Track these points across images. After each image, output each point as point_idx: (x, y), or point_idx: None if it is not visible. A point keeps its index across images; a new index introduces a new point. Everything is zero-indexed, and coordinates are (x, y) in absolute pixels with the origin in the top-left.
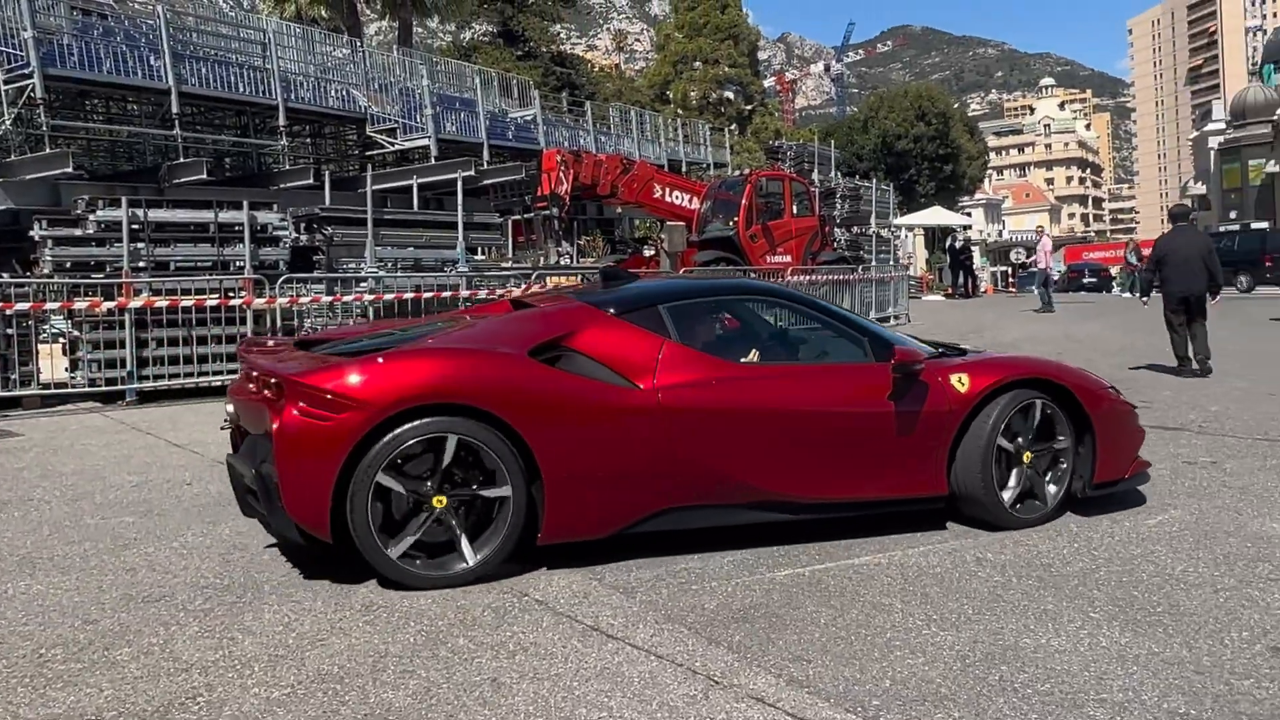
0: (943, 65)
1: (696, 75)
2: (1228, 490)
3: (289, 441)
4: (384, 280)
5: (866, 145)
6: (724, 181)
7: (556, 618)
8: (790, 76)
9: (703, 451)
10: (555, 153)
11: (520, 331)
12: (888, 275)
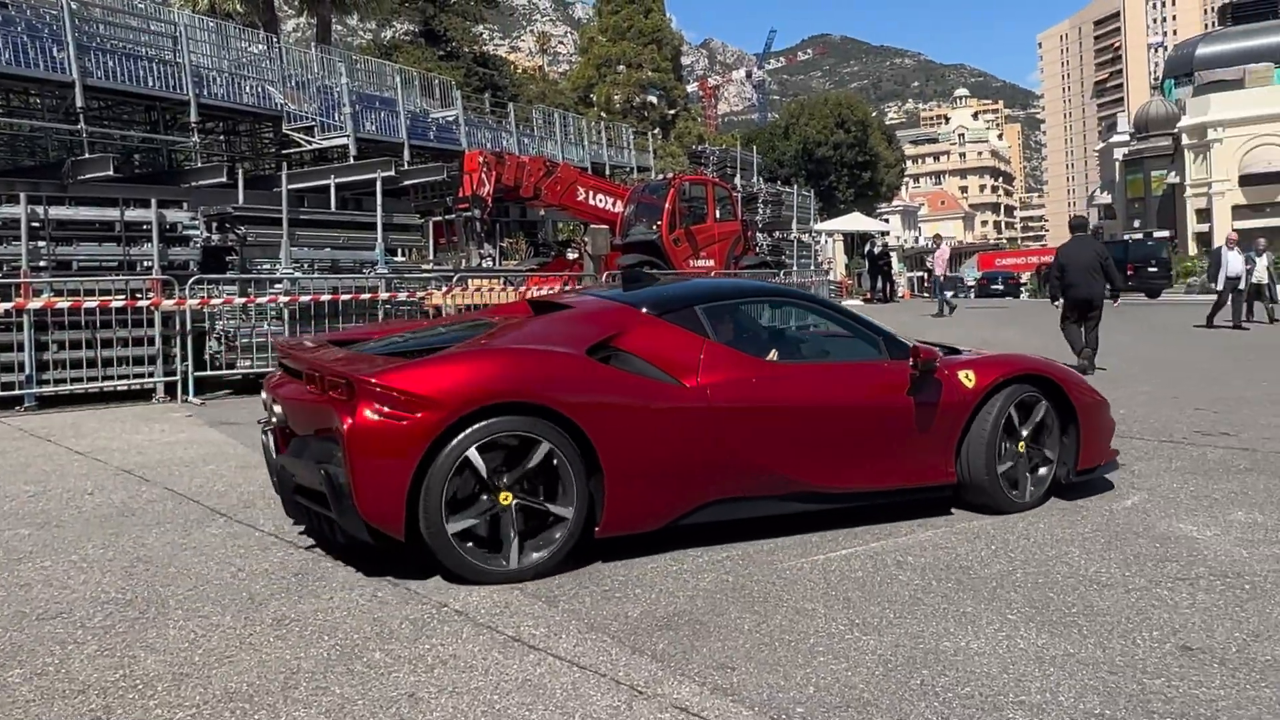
0: (861, 74)
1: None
2: (1136, 491)
3: (364, 442)
4: (300, 282)
5: (788, 152)
6: (648, 185)
7: (477, 629)
8: (713, 82)
9: (746, 446)
10: (478, 154)
11: (575, 332)
12: (809, 280)
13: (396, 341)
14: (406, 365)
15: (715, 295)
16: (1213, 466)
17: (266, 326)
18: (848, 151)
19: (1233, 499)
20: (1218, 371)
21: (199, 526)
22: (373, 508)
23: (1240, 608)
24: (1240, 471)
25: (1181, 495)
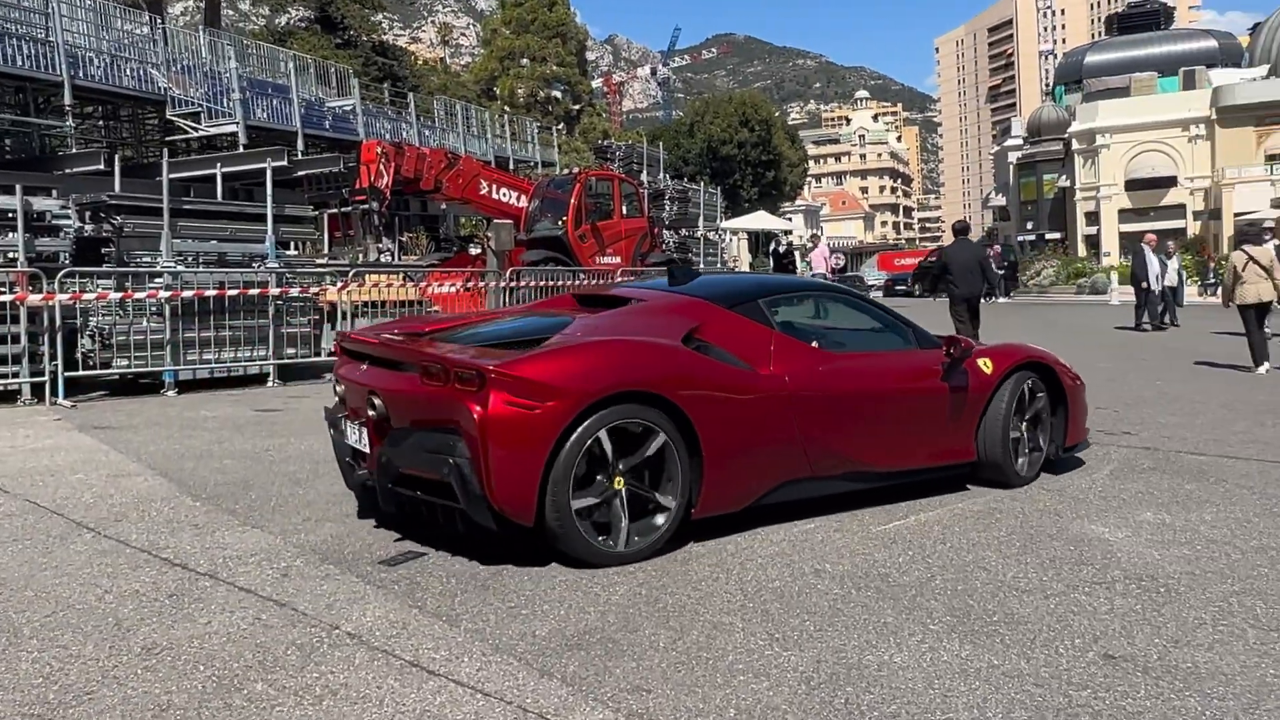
0: (764, 74)
1: (524, 72)
2: (1046, 492)
3: (498, 431)
4: (182, 276)
5: (692, 149)
6: (553, 180)
7: (371, 653)
8: (618, 78)
9: (816, 429)
10: (375, 144)
11: (666, 324)
12: None
13: (481, 332)
14: (533, 356)
15: (773, 289)
16: (1118, 466)
17: (146, 323)
18: (752, 150)
19: (1140, 499)
20: (1116, 372)
21: (62, 543)
22: (506, 495)
23: (1157, 612)
24: (1144, 471)
25: (1091, 496)
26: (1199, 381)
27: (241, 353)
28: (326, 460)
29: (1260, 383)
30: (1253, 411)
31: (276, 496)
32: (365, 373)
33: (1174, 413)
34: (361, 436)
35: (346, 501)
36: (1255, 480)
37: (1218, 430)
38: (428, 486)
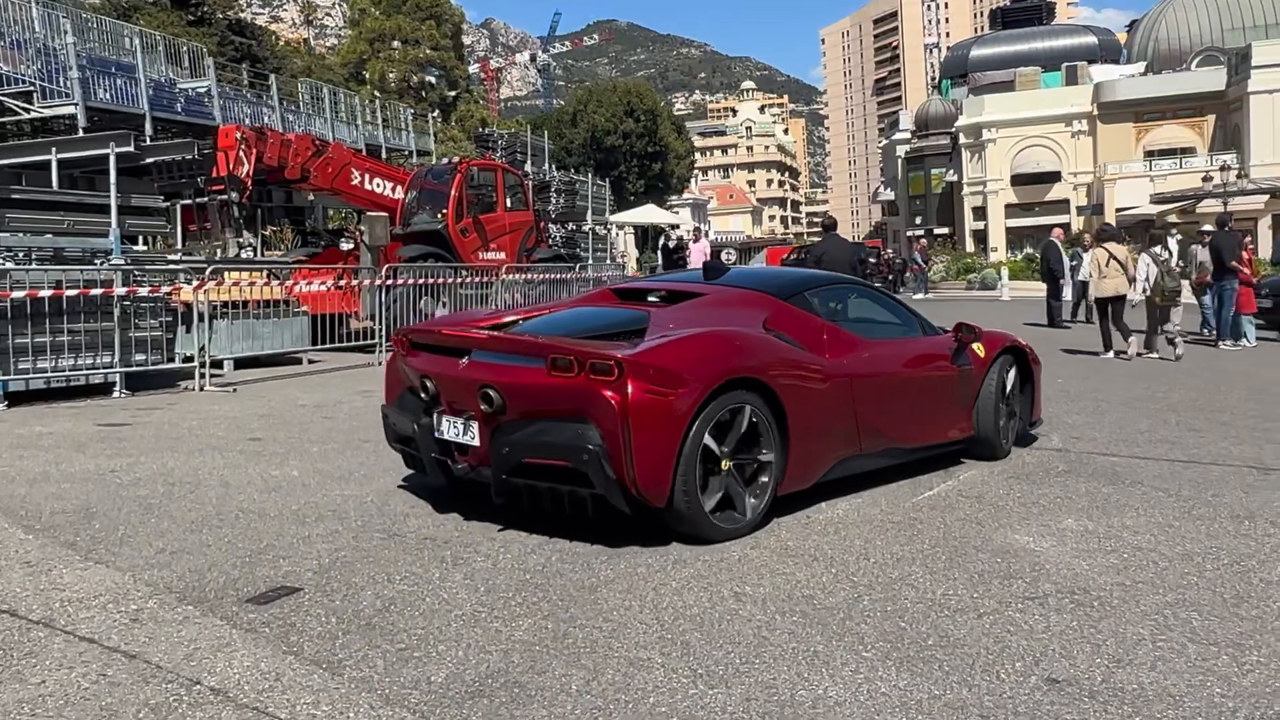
0: (648, 63)
1: (395, 56)
2: (965, 500)
3: (639, 417)
4: (12, 274)
5: (575, 140)
6: (431, 169)
7: (239, 712)
8: (495, 64)
9: (866, 409)
10: (234, 129)
11: (743, 316)
12: (605, 274)
13: (563, 326)
14: (661, 346)
15: (811, 284)
16: (1032, 470)
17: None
18: (637, 141)
19: (1060, 505)
20: None
21: None
22: (646, 478)
23: (1095, 629)
24: (1060, 475)
25: (1009, 503)
26: (1099, 378)
27: (83, 360)
28: (184, 481)
29: (1151, 379)
30: (1155, 410)
31: (125, 525)
32: (470, 366)
33: (1079, 411)
34: (465, 430)
35: (207, 528)
36: (1169, 482)
37: (1125, 430)
38: (553, 474)
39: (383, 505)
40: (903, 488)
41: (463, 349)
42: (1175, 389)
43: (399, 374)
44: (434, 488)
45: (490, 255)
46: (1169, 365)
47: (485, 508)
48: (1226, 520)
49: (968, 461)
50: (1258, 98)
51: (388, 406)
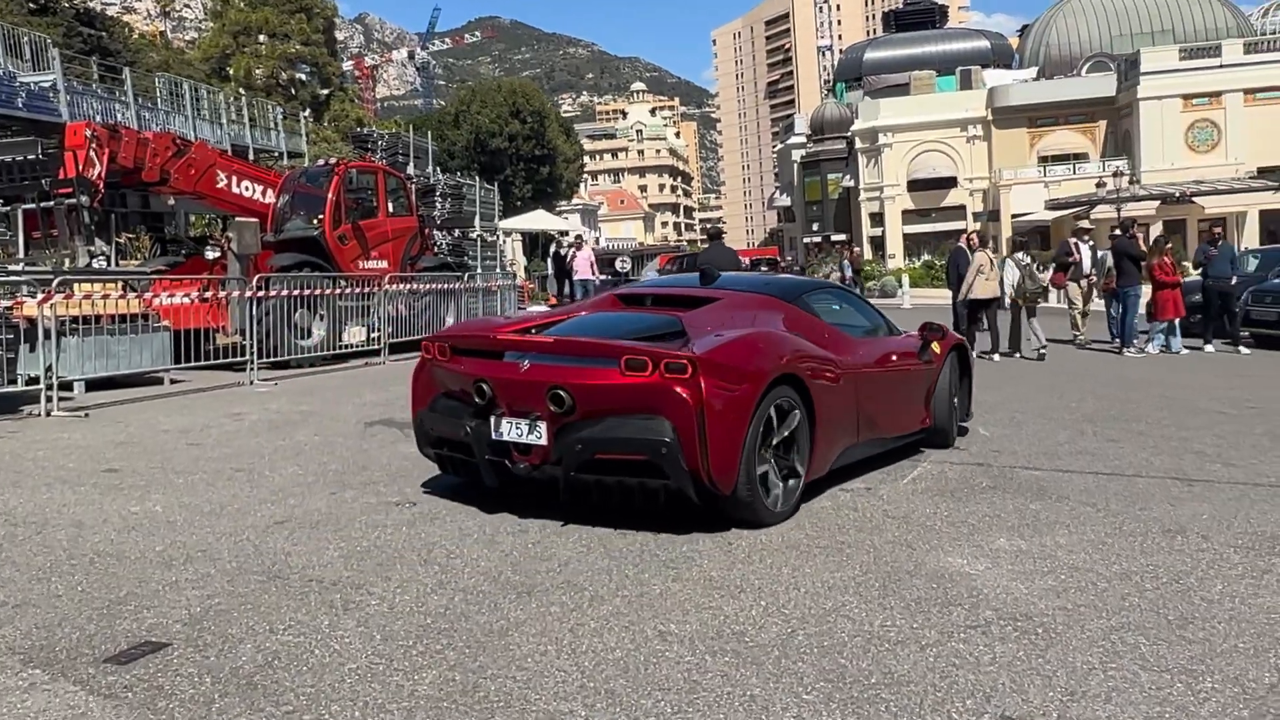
0: (534, 62)
1: (262, 50)
2: (892, 521)
3: (713, 410)
4: None
5: (459, 142)
6: (305, 172)
7: None
8: (370, 62)
9: (865, 402)
10: (83, 126)
11: (766, 318)
12: (494, 283)
13: (597, 328)
14: (723, 345)
15: (808, 286)
16: (955, 486)
17: None
18: (524, 144)
19: (989, 523)
20: None
21: None
22: (719, 467)
23: (1043, 658)
24: (985, 491)
25: (938, 522)
26: (1011, 388)
27: None
28: (29, 521)
29: (1062, 389)
30: (1071, 420)
31: None
32: (535, 369)
33: (996, 423)
34: (531, 430)
35: (57, 575)
36: (1096, 496)
37: (1044, 442)
38: (624, 468)
39: (261, 543)
40: (824, 507)
41: (522, 353)
42: (1087, 399)
43: (432, 380)
44: (314, 521)
45: (371, 264)
46: (1079, 374)
47: (378, 540)
48: (1158, 535)
49: (885, 475)
50: (1146, 104)
51: (423, 412)
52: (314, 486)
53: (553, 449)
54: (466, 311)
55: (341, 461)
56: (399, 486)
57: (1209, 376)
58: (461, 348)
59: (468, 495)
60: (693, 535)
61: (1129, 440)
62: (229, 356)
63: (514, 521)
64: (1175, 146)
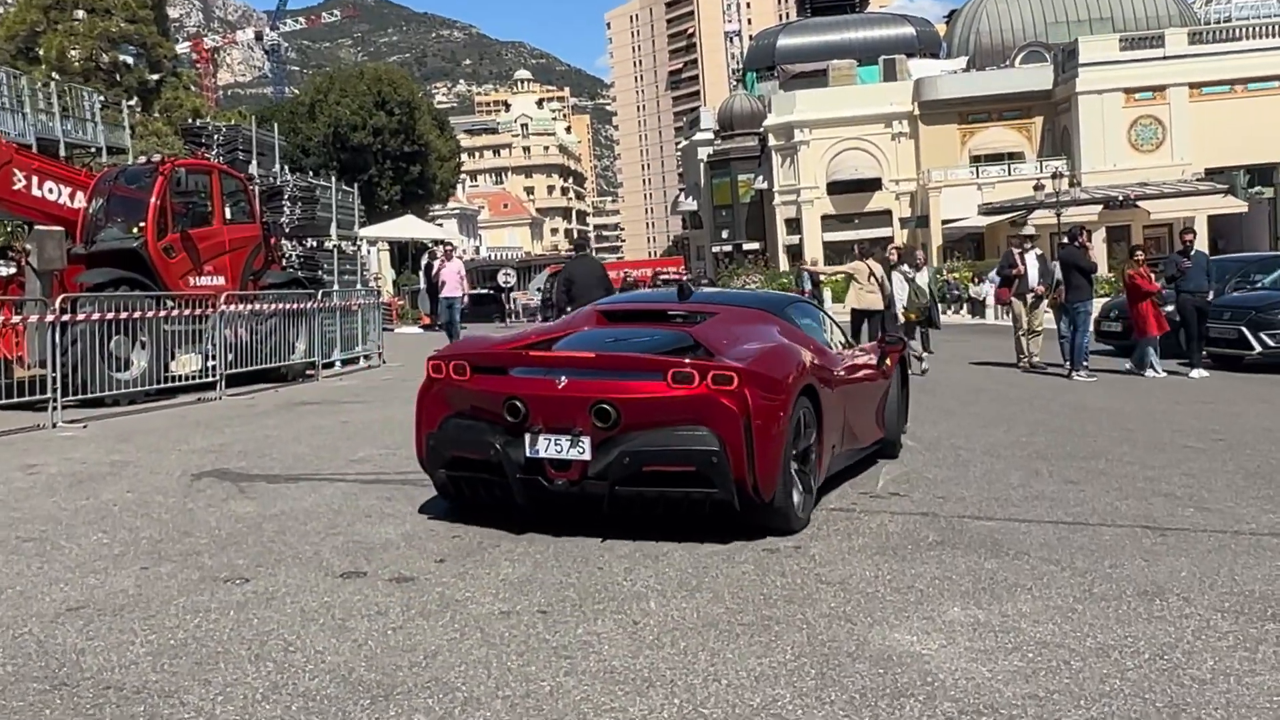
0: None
1: (79, 28)
2: (827, 588)
3: (759, 421)
4: None
5: (314, 136)
6: (124, 171)
7: None
8: (211, 44)
9: (848, 413)
10: None
11: (767, 331)
12: (354, 301)
13: (606, 346)
14: (760, 357)
15: (786, 301)
16: (898, 541)
17: None
18: (391, 139)
19: (939, 588)
20: None
21: None
22: (764, 476)
23: None
24: (932, 547)
25: (879, 588)
26: (951, 420)
27: None
28: None
29: (1009, 422)
30: (1023, 459)
31: None
32: (574, 384)
33: (940, 464)
34: (573, 445)
35: None
36: (1058, 550)
37: (994, 485)
38: (668, 481)
39: (47, 638)
40: (746, 571)
41: (554, 369)
42: (1038, 432)
43: (443, 400)
44: (118, 606)
45: (205, 281)
46: (1027, 403)
47: (198, 630)
48: (1134, 599)
49: (816, 529)
50: (1086, 98)
51: (432, 434)
52: (121, 560)
53: (594, 464)
54: (321, 335)
55: (159, 526)
56: (228, 557)
57: (1169, 404)
58: (484, 366)
59: (313, 564)
60: (592, 613)
61: (1090, 481)
62: (27, 394)
63: (371, 598)
64: (1117, 145)
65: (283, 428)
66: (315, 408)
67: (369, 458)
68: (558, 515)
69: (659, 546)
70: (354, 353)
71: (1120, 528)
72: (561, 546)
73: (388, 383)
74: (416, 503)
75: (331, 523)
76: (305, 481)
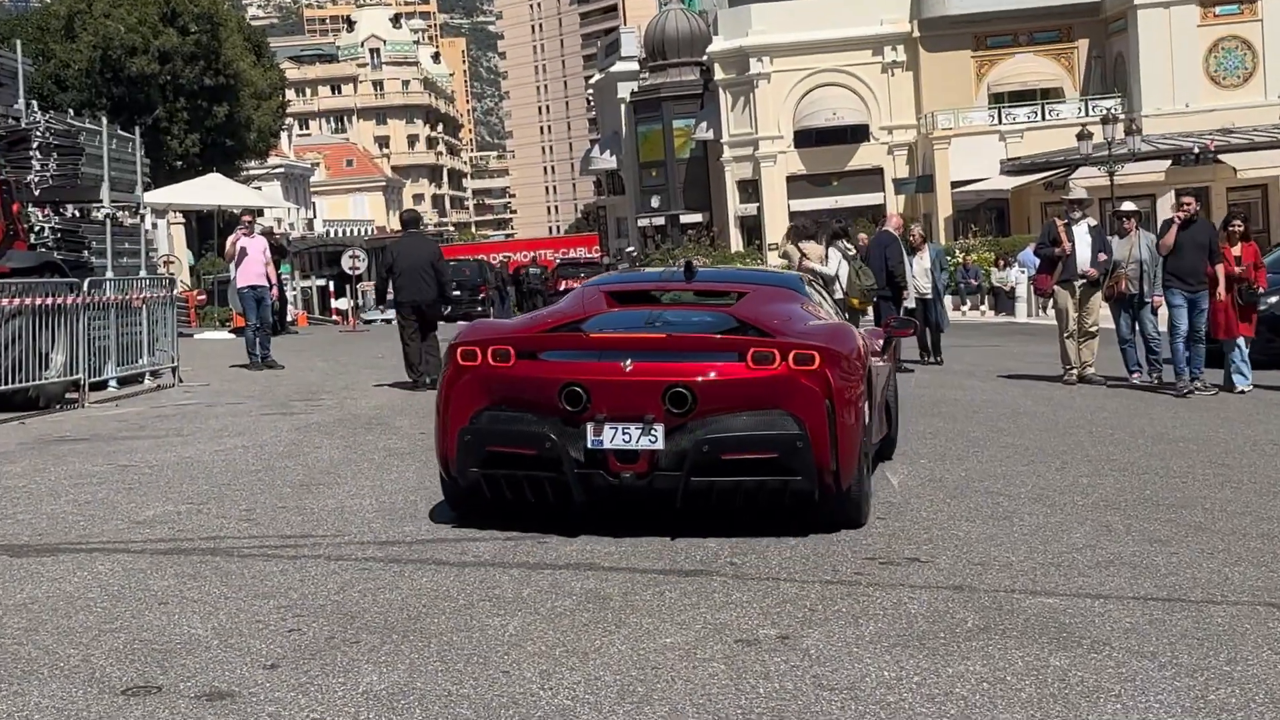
0: None
1: None
2: (831, 697)
3: (841, 403)
4: None
5: (75, 62)
6: None
7: None
8: None
9: (874, 400)
10: None
11: (804, 310)
12: (136, 295)
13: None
14: (831, 333)
15: (797, 279)
16: (926, 628)
17: None
18: (186, 67)
19: (991, 697)
20: None
21: None
22: (846, 461)
23: None
24: (972, 634)
25: (905, 696)
26: (978, 454)
27: None
28: None
29: (1063, 456)
30: (1086, 508)
31: None
32: (643, 366)
33: (970, 515)
34: (645, 434)
35: None
36: (1152, 639)
37: (1051, 546)
38: (744, 469)
39: None
40: (716, 672)
41: (624, 351)
42: (1104, 471)
43: (478, 390)
44: None
45: None
46: (1081, 431)
47: None
48: (1267, 708)
49: (809, 614)
50: (1148, 13)
51: (465, 429)
52: None
53: (665, 454)
54: (89, 344)
55: None
56: None
57: (1269, 427)
58: (531, 349)
59: (81, 677)
60: None
61: (1184, 540)
62: None
63: None
64: (1191, 77)
65: (32, 476)
66: (81, 447)
67: (162, 518)
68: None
69: (590, 637)
70: (136, 368)
71: (1235, 605)
72: (450, 640)
73: (186, 410)
74: (236, 580)
75: (109, 614)
76: (68, 554)
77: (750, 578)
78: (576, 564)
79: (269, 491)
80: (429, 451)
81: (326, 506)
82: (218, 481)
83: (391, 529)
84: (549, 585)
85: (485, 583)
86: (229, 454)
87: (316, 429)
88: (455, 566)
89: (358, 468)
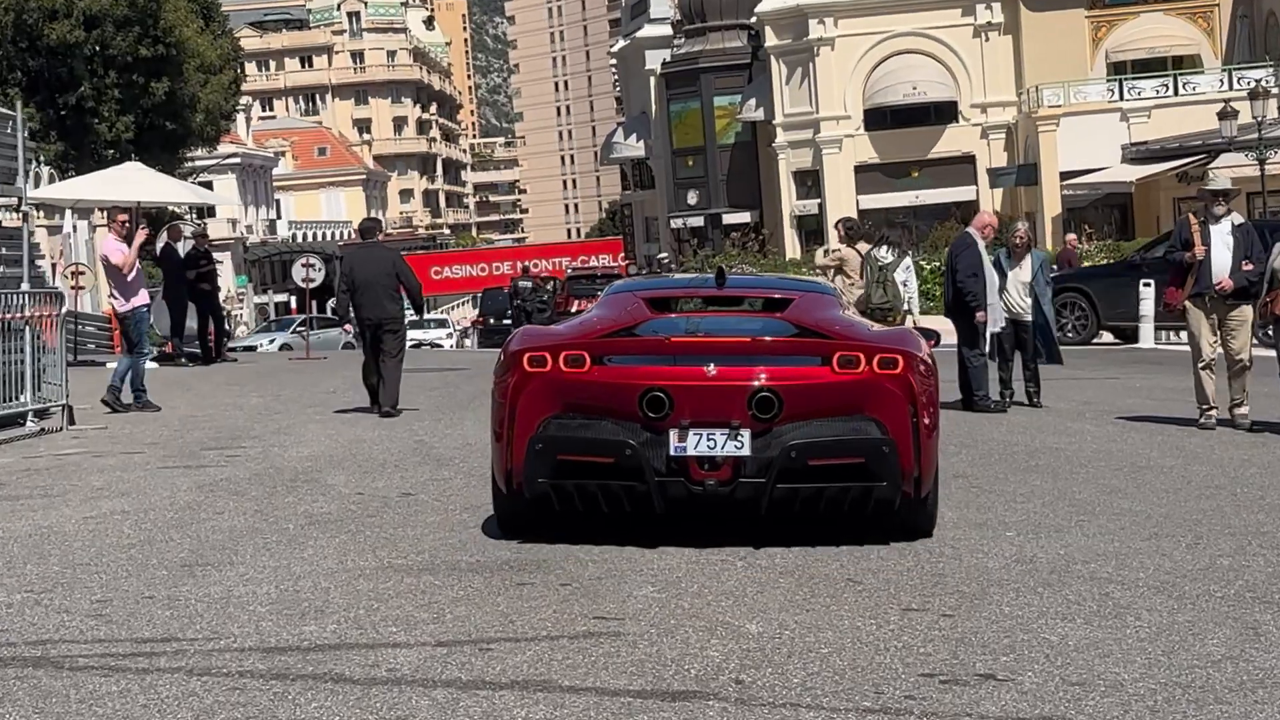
0: None
1: None
2: None
3: (924, 407)
4: None
5: None
6: None
7: None
8: None
9: None
10: None
11: (848, 316)
12: (23, 314)
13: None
14: (900, 337)
15: (829, 287)
16: None
17: None
18: (117, 35)
19: None
20: None
21: None
22: (927, 468)
23: None
24: None
25: None
26: (1091, 526)
27: None
28: None
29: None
30: (1227, 602)
31: None
32: (727, 371)
33: (1070, 612)
34: (731, 439)
35: None
36: None
37: (1179, 656)
38: (830, 475)
39: None
40: None
41: (705, 355)
42: (1250, 549)
43: (548, 396)
44: None
45: None
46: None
47: None
48: None
49: None
50: None
51: (534, 439)
52: None
53: (751, 460)
54: None
55: None
56: None
57: None
58: (607, 354)
59: None
60: None
61: None
62: None
63: None
64: None
65: None
66: None
67: None
68: None
69: None
70: (14, 407)
71: None
72: None
73: (64, 463)
74: (55, 705)
75: None
76: None
77: (760, 703)
78: (524, 681)
79: (137, 575)
80: (361, 519)
81: (208, 596)
82: (75, 560)
83: (285, 629)
84: (482, 715)
85: (396, 710)
86: (101, 522)
87: (225, 487)
88: (361, 685)
89: (264, 541)
